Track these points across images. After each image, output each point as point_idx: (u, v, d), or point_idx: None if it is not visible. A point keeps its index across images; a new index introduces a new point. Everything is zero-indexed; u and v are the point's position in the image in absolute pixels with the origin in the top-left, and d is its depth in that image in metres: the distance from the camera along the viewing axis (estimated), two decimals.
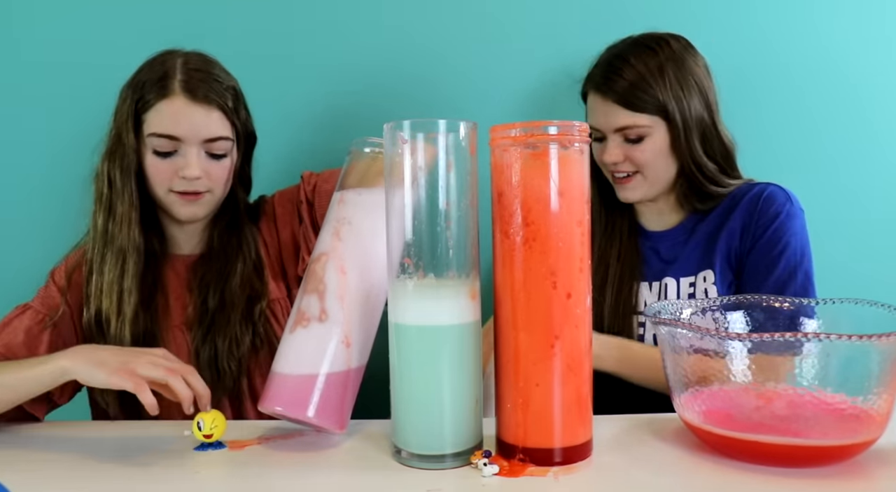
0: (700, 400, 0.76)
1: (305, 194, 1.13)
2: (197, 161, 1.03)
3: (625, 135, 1.09)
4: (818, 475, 0.70)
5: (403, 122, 0.73)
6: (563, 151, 0.72)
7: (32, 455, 0.85)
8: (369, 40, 1.36)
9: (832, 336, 0.66)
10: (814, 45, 1.36)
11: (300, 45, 1.35)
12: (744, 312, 0.89)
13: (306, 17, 1.35)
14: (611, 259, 1.18)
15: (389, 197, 0.76)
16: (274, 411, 0.81)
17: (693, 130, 1.09)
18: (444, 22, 1.36)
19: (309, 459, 0.80)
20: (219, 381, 1.05)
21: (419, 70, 1.36)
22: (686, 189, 1.14)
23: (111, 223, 1.04)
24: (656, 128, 1.08)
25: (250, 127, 1.12)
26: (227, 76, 1.09)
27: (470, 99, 1.36)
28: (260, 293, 1.10)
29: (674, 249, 1.16)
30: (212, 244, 1.12)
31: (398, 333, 0.75)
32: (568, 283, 0.72)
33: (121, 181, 1.04)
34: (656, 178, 1.12)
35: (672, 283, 1.14)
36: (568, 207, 0.72)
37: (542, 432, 0.73)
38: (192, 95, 1.02)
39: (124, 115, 1.04)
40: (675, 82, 1.08)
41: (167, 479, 0.75)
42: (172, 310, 1.10)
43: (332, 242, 0.84)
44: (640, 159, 1.10)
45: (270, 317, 1.11)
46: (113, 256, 1.04)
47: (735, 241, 1.10)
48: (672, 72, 1.08)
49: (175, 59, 1.05)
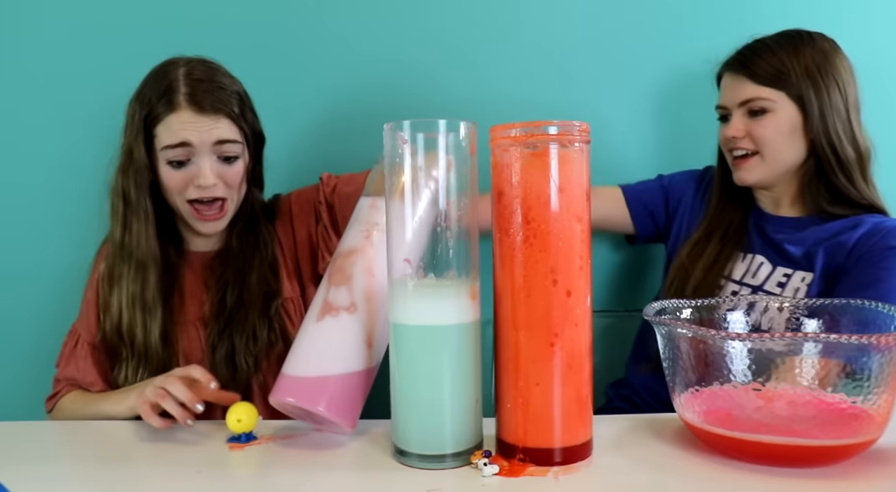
0: (700, 400, 0.76)
1: (325, 196, 1.14)
2: (210, 168, 1.04)
3: (749, 108, 1.10)
4: (818, 475, 0.70)
5: (403, 122, 0.73)
6: (564, 150, 0.72)
7: (33, 455, 0.85)
8: (372, 40, 1.36)
9: (832, 336, 0.66)
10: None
11: (307, 45, 1.36)
12: (743, 313, 0.89)
13: (314, 17, 1.36)
14: (714, 236, 1.16)
15: (390, 197, 0.76)
16: (286, 402, 0.80)
17: (828, 116, 1.06)
18: (445, 22, 1.37)
19: (309, 458, 0.80)
20: (234, 377, 1.06)
21: (420, 70, 1.37)
22: (813, 177, 1.10)
23: (128, 238, 1.06)
24: (781, 104, 1.08)
25: (258, 128, 1.13)
26: (231, 81, 1.08)
27: (470, 99, 1.36)
28: (276, 291, 1.11)
29: (782, 236, 1.13)
30: (230, 243, 1.13)
31: (398, 333, 0.75)
32: (568, 280, 0.72)
33: (135, 196, 1.06)
34: (775, 160, 1.10)
35: (767, 266, 1.12)
36: (568, 203, 0.72)
37: (542, 432, 0.73)
38: (198, 107, 1.02)
39: (134, 131, 1.05)
40: (811, 65, 1.07)
41: (169, 478, 0.75)
42: (188, 306, 1.11)
43: (362, 242, 0.84)
44: (761, 135, 1.09)
45: (284, 315, 1.11)
46: (132, 270, 1.05)
47: (841, 255, 1.06)
48: (809, 56, 1.08)
49: (177, 70, 1.05)
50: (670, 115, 1.40)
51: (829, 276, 1.08)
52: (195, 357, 1.08)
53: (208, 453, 0.82)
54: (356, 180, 1.12)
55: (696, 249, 1.17)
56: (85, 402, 1.05)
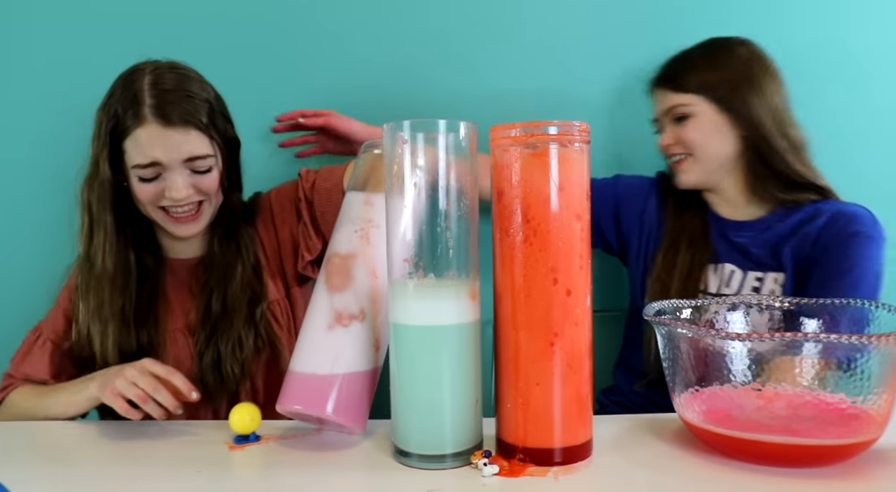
0: (700, 400, 0.76)
1: (304, 192, 1.12)
2: (182, 182, 1.01)
3: (673, 115, 1.15)
4: (818, 475, 0.70)
5: (403, 122, 0.73)
6: (564, 150, 0.72)
7: (33, 455, 0.85)
8: (369, 39, 1.36)
9: (832, 336, 0.66)
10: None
11: (300, 43, 1.35)
12: (742, 313, 0.89)
13: (308, 14, 1.35)
14: (681, 245, 1.18)
15: (389, 197, 0.76)
16: (293, 410, 0.79)
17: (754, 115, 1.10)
18: (445, 22, 1.36)
19: (309, 458, 0.80)
20: (222, 384, 1.05)
21: (420, 70, 1.36)
22: (752, 168, 1.13)
23: (91, 250, 1.04)
24: (700, 107, 1.12)
25: (231, 134, 1.09)
26: (201, 87, 1.04)
27: (470, 99, 1.36)
28: (260, 295, 1.09)
29: (745, 240, 1.15)
30: (211, 249, 1.12)
31: (398, 333, 0.75)
32: (568, 279, 0.72)
33: (97, 210, 1.04)
34: (706, 159, 1.13)
35: (738, 273, 1.14)
36: (567, 202, 0.72)
37: (542, 432, 0.73)
38: (164, 120, 0.99)
39: (101, 143, 1.02)
40: (725, 67, 1.12)
41: (168, 479, 0.75)
42: (174, 313, 1.10)
43: (361, 243, 0.83)
44: (688, 138, 1.13)
45: (271, 318, 1.10)
46: (94, 284, 1.04)
47: (807, 248, 1.09)
48: (724, 58, 1.13)
49: (143, 80, 1.01)
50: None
51: (799, 271, 1.10)
52: (184, 365, 1.06)
53: (209, 453, 0.82)
54: (335, 174, 1.10)
55: (667, 258, 1.17)
56: (38, 394, 1.02)
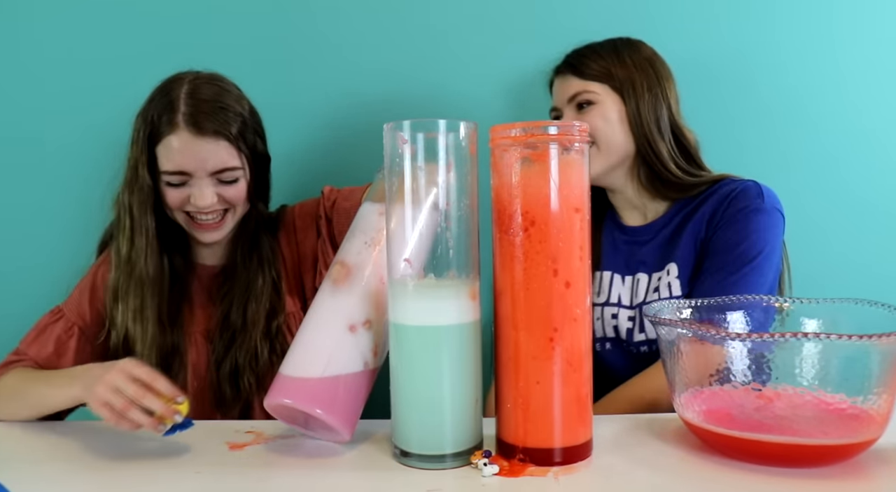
0: (700, 400, 0.77)
1: (325, 210, 1.14)
2: (209, 190, 1.03)
3: (577, 102, 1.14)
4: (818, 475, 0.70)
5: (403, 122, 0.73)
6: (563, 150, 0.72)
7: (33, 455, 0.85)
8: (371, 41, 1.36)
9: (832, 336, 0.66)
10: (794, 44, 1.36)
11: (307, 51, 1.36)
12: (743, 312, 0.89)
13: (313, 23, 1.36)
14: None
15: (390, 197, 0.76)
16: (282, 403, 0.79)
17: (644, 115, 1.11)
18: (445, 22, 1.36)
19: (309, 459, 0.80)
20: (237, 395, 1.07)
21: (421, 70, 1.37)
22: (647, 174, 1.14)
23: (133, 253, 1.06)
24: (605, 96, 1.12)
25: (261, 149, 1.11)
26: (237, 102, 1.06)
27: (470, 99, 1.36)
28: (278, 309, 1.11)
29: (646, 244, 1.16)
30: (234, 259, 1.13)
31: (398, 333, 0.75)
32: (568, 271, 0.72)
33: (139, 212, 1.05)
34: (609, 148, 1.12)
35: (644, 278, 1.14)
36: (566, 197, 0.72)
37: (542, 432, 0.73)
38: (196, 129, 1.01)
39: (139, 149, 1.04)
40: (629, 63, 1.13)
41: (168, 479, 0.75)
42: (197, 318, 1.12)
43: (373, 251, 0.83)
44: (592, 126, 1.11)
45: (286, 331, 1.11)
46: (135, 286, 1.05)
47: (701, 231, 1.10)
48: (627, 55, 1.14)
49: (181, 89, 1.03)
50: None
51: (696, 251, 1.10)
52: (201, 370, 1.09)
53: (208, 453, 0.82)
54: (356, 194, 1.12)
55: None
56: (30, 379, 1.00)
